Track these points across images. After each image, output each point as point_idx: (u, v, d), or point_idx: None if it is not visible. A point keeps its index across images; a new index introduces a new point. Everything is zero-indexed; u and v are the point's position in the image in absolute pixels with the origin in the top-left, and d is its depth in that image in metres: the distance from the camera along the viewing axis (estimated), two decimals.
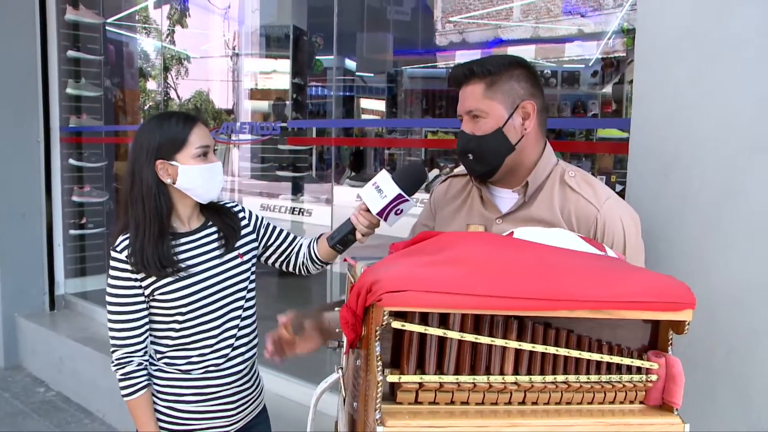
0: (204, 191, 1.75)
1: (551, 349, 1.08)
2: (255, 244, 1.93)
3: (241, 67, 5.94)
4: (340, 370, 1.11)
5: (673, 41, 1.66)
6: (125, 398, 1.75)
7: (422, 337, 1.06)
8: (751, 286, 1.57)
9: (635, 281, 1.03)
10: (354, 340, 1.09)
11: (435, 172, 3.59)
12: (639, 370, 1.12)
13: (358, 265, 1.26)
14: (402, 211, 1.62)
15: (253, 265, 1.92)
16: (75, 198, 4.75)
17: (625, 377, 1.12)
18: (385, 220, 1.63)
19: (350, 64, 6.72)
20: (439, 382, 1.06)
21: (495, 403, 1.10)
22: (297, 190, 4.54)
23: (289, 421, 2.34)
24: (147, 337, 1.78)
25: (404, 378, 1.06)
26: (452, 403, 1.09)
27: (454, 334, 1.04)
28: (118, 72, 5.40)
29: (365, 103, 6.76)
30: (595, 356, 1.09)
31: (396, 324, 1.02)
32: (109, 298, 1.75)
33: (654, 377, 1.12)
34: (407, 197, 1.60)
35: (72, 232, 4.80)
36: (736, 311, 1.60)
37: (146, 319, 1.77)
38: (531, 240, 1.20)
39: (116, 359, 1.75)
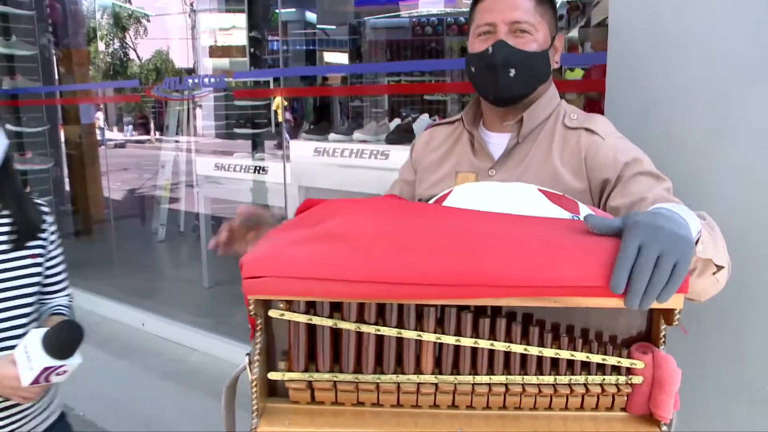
0: None
1: (483, 344, 0.87)
2: (42, 261, 1.64)
3: (199, 24, 5.67)
4: (247, 357, 0.92)
5: None
6: None
7: (313, 327, 0.88)
8: (744, 235, 1.44)
9: (590, 258, 0.78)
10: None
11: (425, 117, 3.33)
12: (617, 369, 0.89)
13: None
14: (66, 371, 1.42)
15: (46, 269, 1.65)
16: (16, 166, 4.44)
17: (596, 378, 0.89)
18: (47, 381, 1.41)
19: (311, 16, 6.49)
20: (333, 381, 0.89)
21: (416, 405, 0.91)
22: (254, 147, 4.33)
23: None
24: None
25: (289, 376, 0.88)
26: (360, 404, 0.91)
27: (348, 325, 0.86)
28: (63, 30, 5.07)
29: (328, 56, 6.54)
30: (548, 352, 0.88)
31: (274, 313, 0.85)
32: None
33: (638, 379, 0.88)
34: (62, 363, 1.39)
35: None
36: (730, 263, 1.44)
37: None
38: (473, 200, 0.98)
39: None
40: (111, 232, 5.03)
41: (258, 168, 3.70)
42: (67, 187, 5.54)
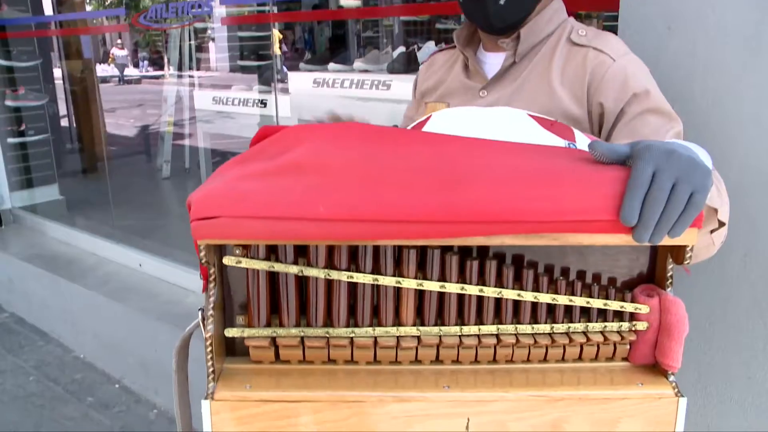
0: None
1: (471, 290, 0.76)
2: None
3: None
4: (200, 312, 0.81)
5: None
6: None
7: (275, 275, 0.76)
8: None
9: (595, 188, 0.68)
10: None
11: (431, 44, 3.14)
12: (620, 314, 0.79)
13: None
14: None
15: None
16: (9, 102, 4.30)
17: (596, 325, 0.79)
18: None
19: None
20: (300, 337, 0.77)
21: (396, 361, 0.80)
22: (255, 80, 4.14)
23: None
24: None
25: (249, 332, 0.77)
26: (332, 362, 0.80)
27: (316, 272, 0.74)
28: None
29: None
30: (544, 297, 0.77)
31: (229, 260, 0.73)
32: None
33: (643, 325, 0.78)
34: None
35: (11, 140, 4.37)
36: (759, 203, 1.29)
37: None
38: (455, 127, 0.85)
39: None
40: (112, 169, 4.92)
41: (257, 101, 3.53)
42: (70, 124, 5.41)
